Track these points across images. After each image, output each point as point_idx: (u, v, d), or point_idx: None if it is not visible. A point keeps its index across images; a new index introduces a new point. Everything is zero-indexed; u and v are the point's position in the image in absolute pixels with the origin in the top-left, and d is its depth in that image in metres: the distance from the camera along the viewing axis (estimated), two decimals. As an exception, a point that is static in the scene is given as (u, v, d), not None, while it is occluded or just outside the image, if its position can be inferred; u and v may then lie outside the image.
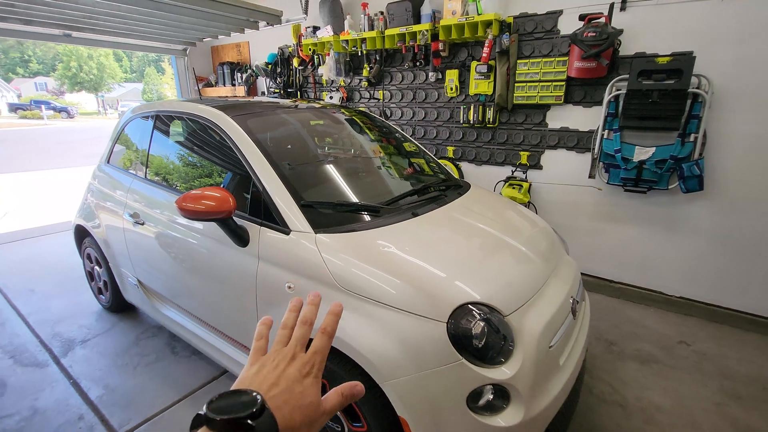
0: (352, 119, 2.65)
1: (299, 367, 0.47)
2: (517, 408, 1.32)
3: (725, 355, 2.49)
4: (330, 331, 0.51)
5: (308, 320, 0.52)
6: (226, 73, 5.54)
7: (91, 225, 2.72)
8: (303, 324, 0.52)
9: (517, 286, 1.54)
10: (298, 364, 0.47)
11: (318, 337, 0.51)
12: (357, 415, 1.48)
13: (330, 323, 0.52)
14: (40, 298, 3.17)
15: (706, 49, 2.53)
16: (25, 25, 3.98)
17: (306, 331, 0.51)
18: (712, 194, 2.70)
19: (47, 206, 6.08)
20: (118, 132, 2.74)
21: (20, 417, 1.98)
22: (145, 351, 2.52)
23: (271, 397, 0.42)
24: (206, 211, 1.60)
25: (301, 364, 0.48)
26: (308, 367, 0.48)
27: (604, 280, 3.28)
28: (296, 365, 0.47)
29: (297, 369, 0.47)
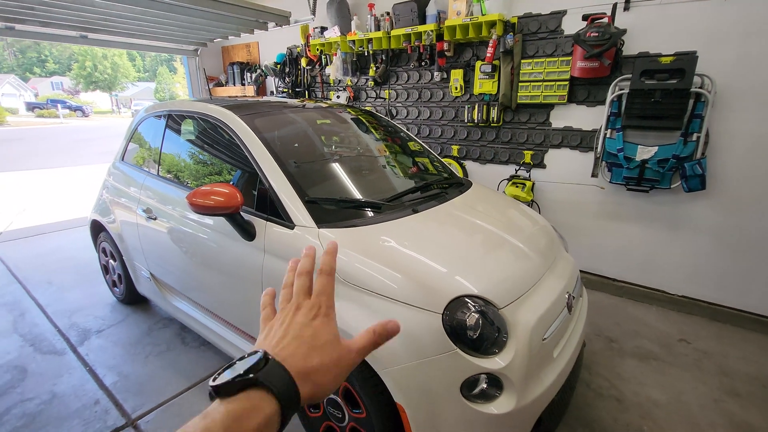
0: (357, 118, 2.71)
1: (305, 312, 0.47)
2: (510, 396, 1.37)
3: (726, 354, 2.50)
4: (328, 269, 0.50)
5: (305, 270, 0.51)
6: (236, 73, 5.65)
7: (107, 220, 2.83)
8: (300, 275, 0.51)
9: (512, 281, 1.59)
10: (303, 311, 0.47)
11: (319, 278, 0.50)
12: (357, 402, 1.54)
13: (327, 262, 0.51)
14: (57, 290, 3.30)
15: (710, 48, 2.54)
16: (43, 27, 4.12)
17: (305, 281, 0.50)
18: (715, 193, 2.71)
19: (63, 203, 6.28)
20: (132, 131, 2.85)
21: (40, 401, 2.09)
22: (156, 341, 2.62)
23: (279, 350, 0.42)
24: (215, 207, 1.68)
25: (307, 309, 0.47)
26: (315, 309, 0.47)
27: (607, 278, 3.30)
28: (302, 312, 0.47)
29: (303, 315, 0.46)
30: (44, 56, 47.73)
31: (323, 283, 0.49)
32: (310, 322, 0.45)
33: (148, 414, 2.01)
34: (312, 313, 0.46)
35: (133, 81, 46.21)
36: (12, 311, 2.97)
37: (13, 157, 11.59)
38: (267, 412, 0.36)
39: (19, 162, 10.64)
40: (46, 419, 1.96)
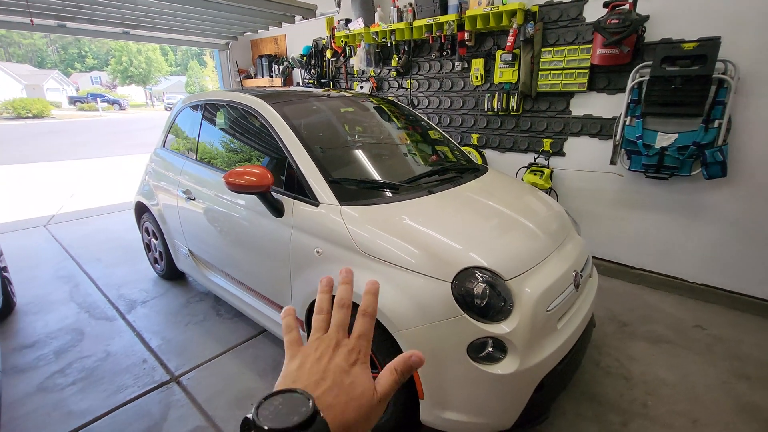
0: (379, 107, 2.85)
1: (345, 355, 0.43)
2: (513, 359, 1.50)
3: (741, 340, 2.51)
4: (371, 311, 0.47)
5: (345, 302, 0.48)
6: (264, 65, 5.88)
7: (150, 202, 3.10)
8: (341, 307, 0.48)
9: (519, 256, 1.70)
10: (343, 353, 0.43)
11: (360, 320, 0.47)
12: (373, 362, 1.71)
13: (370, 304, 0.48)
14: (105, 265, 3.63)
15: (734, 34, 2.51)
16: (90, 24, 4.45)
17: (345, 315, 0.47)
18: (736, 181, 2.69)
19: (107, 189, 6.75)
20: (171, 120, 3.09)
21: (96, 358, 2.37)
22: (194, 312, 2.88)
23: (319, 395, 0.38)
24: (248, 185, 1.86)
25: (347, 351, 0.43)
26: (354, 354, 0.44)
27: (624, 265, 3.32)
28: (341, 354, 0.43)
29: (343, 358, 0.43)
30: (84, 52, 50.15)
31: (365, 326, 0.46)
32: (349, 369, 0.42)
33: (189, 372, 2.25)
34: (352, 358, 0.43)
35: (165, 75, 47.93)
36: (68, 283, 3.31)
37: (60, 147, 12.40)
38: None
39: (66, 152, 11.39)
40: (102, 373, 2.24)
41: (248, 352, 2.43)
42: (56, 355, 2.40)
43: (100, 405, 1.99)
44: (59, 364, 2.31)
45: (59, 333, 2.62)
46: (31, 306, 2.93)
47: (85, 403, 2.00)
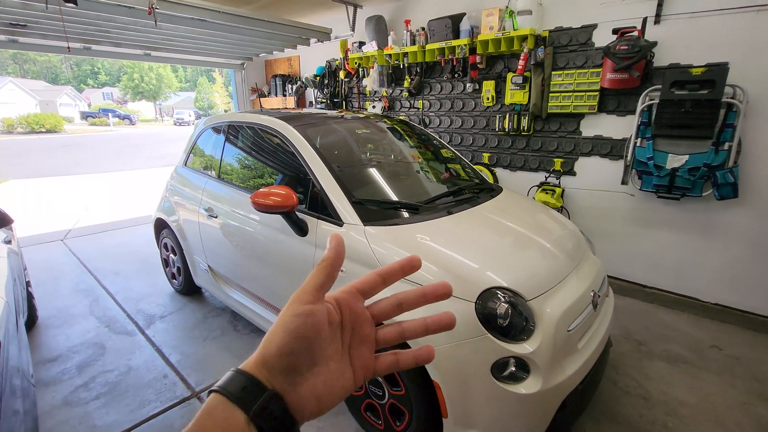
0: (393, 128, 2.94)
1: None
2: (536, 379, 1.52)
3: (760, 361, 2.51)
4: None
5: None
6: (278, 84, 6.05)
7: (170, 219, 3.18)
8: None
9: (540, 276, 1.74)
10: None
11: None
12: (396, 380, 1.74)
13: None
14: (123, 279, 3.70)
15: (742, 59, 2.59)
16: (114, 47, 4.64)
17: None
18: (749, 201, 2.73)
19: (121, 203, 6.87)
20: (194, 140, 3.20)
21: (119, 372, 2.41)
22: (211, 327, 2.92)
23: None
24: (274, 205, 1.93)
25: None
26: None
27: (638, 284, 3.33)
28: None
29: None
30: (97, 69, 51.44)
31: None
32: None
33: (209, 387, 2.27)
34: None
35: (175, 91, 49.01)
36: (87, 297, 3.37)
37: (73, 162, 12.66)
38: None
39: (79, 166, 11.62)
40: (126, 388, 2.27)
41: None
42: (79, 369, 2.44)
43: (125, 419, 2.03)
44: (83, 378, 2.35)
45: (81, 347, 2.66)
46: (53, 320, 2.99)
47: (110, 417, 2.04)
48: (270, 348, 0.37)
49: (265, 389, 0.35)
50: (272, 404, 0.35)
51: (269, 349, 0.37)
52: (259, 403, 0.34)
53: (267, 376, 0.36)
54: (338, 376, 0.39)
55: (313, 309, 0.39)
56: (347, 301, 0.42)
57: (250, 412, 0.34)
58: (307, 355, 0.38)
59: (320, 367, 0.39)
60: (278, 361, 0.37)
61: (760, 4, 2.48)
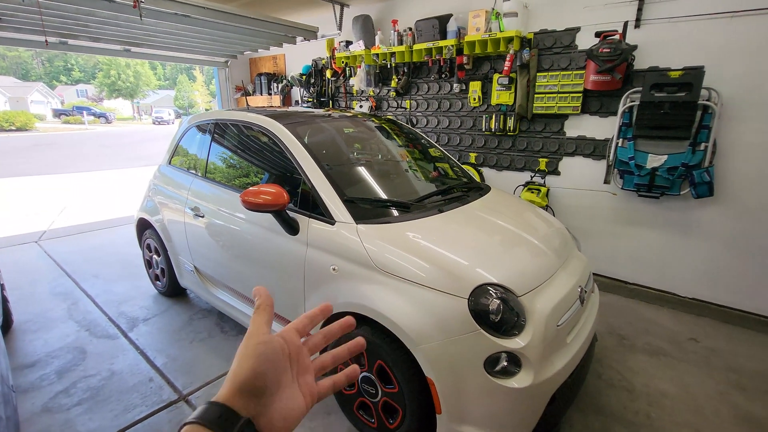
0: (381, 127, 2.94)
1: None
2: (528, 373, 1.55)
3: (735, 352, 2.62)
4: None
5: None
6: (263, 83, 5.97)
7: (153, 218, 3.10)
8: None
9: (529, 273, 1.78)
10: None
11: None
12: (389, 378, 1.74)
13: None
14: (104, 282, 3.58)
15: (717, 63, 2.70)
16: (93, 42, 4.49)
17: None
18: (724, 200, 2.85)
19: (99, 204, 6.65)
20: (178, 138, 3.13)
21: (101, 377, 2.34)
22: (197, 329, 2.86)
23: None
24: (264, 204, 1.91)
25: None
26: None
27: (620, 281, 3.43)
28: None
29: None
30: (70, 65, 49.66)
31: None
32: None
33: (198, 391, 2.23)
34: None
35: (153, 89, 47.78)
36: (66, 300, 3.25)
37: (46, 161, 12.19)
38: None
39: (52, 166, 11.20)
40: (109, 393, 2.21)
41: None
42: (59, 374, 2.35)
43: (109, 425, 1.97)
44: (63, 384, 2.27)
45: (60, 352, 2.57)
46: (29, 324, 2.88)
47: (94, 424, 1.97)
48: (242, 373, 0.42)
49: (240, 417, 0.40)
50: (247, 429, 0.39)
51: (241, 375, 0.42)
52: (236, 429, 0.39)
53: (241, 405, 0.40)
54: (295, 401, 0.45)
55: (271, 338, 0.46)
56: (289, 338, 0.49)
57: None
58: (273, 376, 0.44)
59: (282, 392, 0.44)
60: (252, 383, 0.42)
61: (734, 11, 2.59)
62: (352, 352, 0.53)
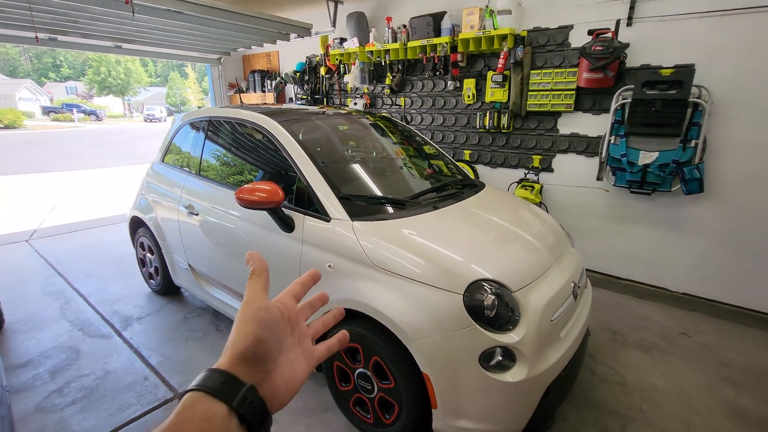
0: (376, 124, 2.94)
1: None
2: (522, 367, 1.57)
3: (725, 347, 2.66)
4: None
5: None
6: (257, 80, 5.94)
7: (146, 216, 3.08)
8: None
9: (524, 269, 1.79)
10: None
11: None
12: (385, 374, 1.75)
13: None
14: (97, 281, 3.55)
15: (707, 61, 2.73)
16: (83, 39, 4.43)
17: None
18: (714, 196, 2.89)
19: (89, 203, 6.58)
20: (171, 135, 3.10)
21: (95, 376, 2.32)
22: (192, 328, 2.85)
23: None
24: (259, 201, 1.90)
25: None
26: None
27: (612, 277, 3.47)
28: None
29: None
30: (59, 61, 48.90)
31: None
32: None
33: (193, 389, 2.22)
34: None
35: (145, 86, 47.23)
36: (58, 300, 3.22)
37: (36, 159, 12.01)
38: None
39: (42, 165, 11.04)
40: (104, 392, 2.19)
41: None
42: (52, 374, 2.33)
43: (105, 424, 1.96)
44: (56, 384, 2.25)
45: (53, 352, 2.55)
46: (20, 324, 2.84)
47: (89, 423, 1.96)
48: (243, 341, 0.41)
49: (243, 383, 0.39)
50: (251, 395, 0.39)
51: (243, 343, 0.41)
52: (240, 395, 0.38)
53: (243, 372, 0.40)
54: (297, 364, 0.46)
55: (269, 303, 0.46)
56: (288, 303, 0.50)
57: (232, 403, 0.37)
58: (274, 341, 0.43)
59: (284, 356, 0.45)
60: (253, 350, 0.41)
61: (724, 9, 2.63)
62: (337, 318, 0.57)
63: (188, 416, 0.36)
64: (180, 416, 0.35)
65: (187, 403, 0.36)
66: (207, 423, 0.35)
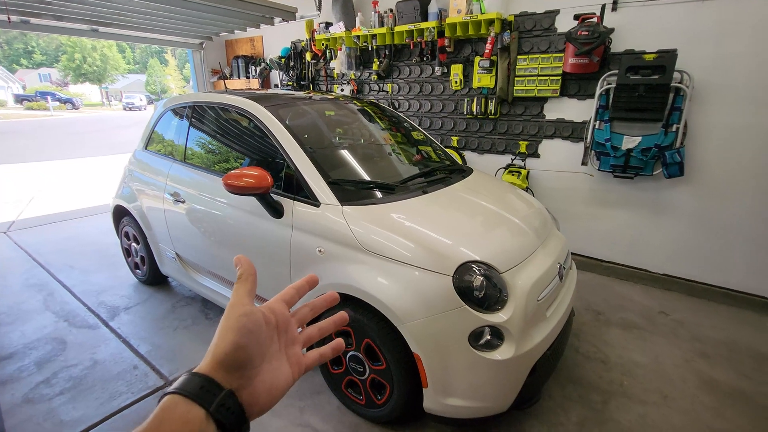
0: (363, 109, 2.92)
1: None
2: (510, 346, 1.62)
3: (699, 323, 2.78)
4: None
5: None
6: (241, 66, 5.80)
7: (131, 205, 3.02)
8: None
9: (511, 251, 1.83)
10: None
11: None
12: (377, 356, 1.78)
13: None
14: (80, 273, 3.48)
15: (688, 46, 2.78)
16: (57, 21, 4.24)
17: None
18: (693, 179, 2.98)
19: (71, 193, 6.40)
20: (154, 122, 3.03)
21: (83, 366, 2.30)
22: (182, 317, 2.83)
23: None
24: (247, 187, 1.89)
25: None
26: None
27: (596, 259, 3.57)
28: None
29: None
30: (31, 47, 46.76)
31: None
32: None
33: (184, 376, 2.22)
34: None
35: (123, 73, 45.61)
36: (41, 291, 3.15)
37: (10, 149, 11.57)
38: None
39: (18, 155, 10.65)
40: (92, 381, 2.17)
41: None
42: (38, 365, 2.30)
43: (95, 413, 1.95)
44: (43, 375, 2.22)
45: (38, 343, 2.51)
46: (3, 317, 2.78)
47: (78, 412, 1.95)
48: (223, 347, 0.41)
49: (221, 388, 0.39)
50: (229, 401, 0.39)
51: (222, 348, 0.41)
52: (217, 400, 0.38)
53: (222, 377, 0.40)
54: (281, 372, 0.46)
55: (252, 309, 0.45)
56: (277, 308, 0.49)
57: (210, 407, 0.37)
58: (256, 348, 0.43)
59: (267, 364, 0.44)
60: (233, 356, 0.41)
61: (705, -5, 2.67)
62: (338, 325, 0.54)
63: (166, 418, 0.36)
64: (158, 418, 0.36)
65: (166, 406, 0.37)
66: (185, 426, 0.36)
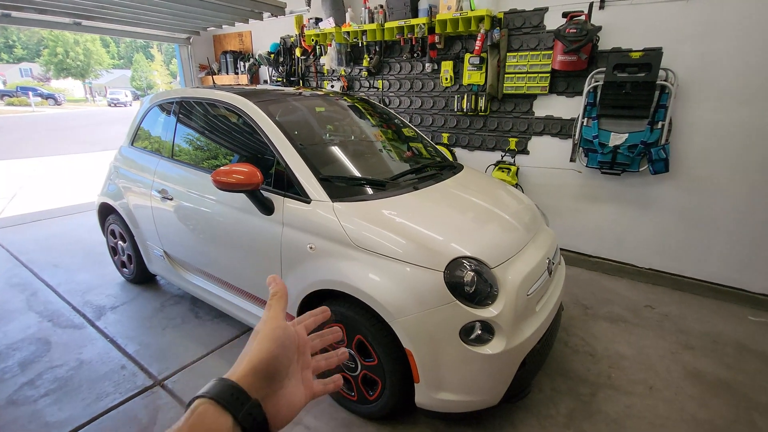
0: (354, 106, 2.91)
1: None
2: (500, 340, 1.63)
3: (684, 316, 2.85)
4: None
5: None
6: (229, 61, 5.72)
7: (117, 203, 2.96)
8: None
9: (501, 246, 1.84)
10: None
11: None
12: (368, 351, 1.78)
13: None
14: (65, 271, 3.41)
15: (673, 45, 2.83)
16: (38, 14, 4.13)
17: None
18: (678, 175, 3.03)
19: (53, 191, 6.25)
20: (140, 117, 2.97)
21: (69, 367, 2.25)
22: (170, 316, 2.79)
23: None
24: (237, 183, 1.86)
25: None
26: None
27: (584, 255, 3.62)
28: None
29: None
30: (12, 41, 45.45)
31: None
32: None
33: (173, 375, 2.20)
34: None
35: (107, 68, 44.67)
36: (23, 291, 3.08)
37: (-11, 146, 11.25)
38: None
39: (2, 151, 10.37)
40: (79, 382, 2.13)
41: (234, 351, 2.41)
42: (22, 366, 2.25)
43: (81, 414, 1.91)
44: (27, 376, 2.17)
45: (22, 344, 2.45)
46: (-16, 317, 2.71)
47: (64, 413, 1.91)
48: (260, 355, 0.43)
49: (249, 398, 0.41)
50: (255, 410, 0.41)
51: (259, 356, 0.43)
52: (245, 409, 0.40)
53: (251, 386, 0.42)
54: (299, 390, 0.48)
55: (287, 325, 0.48)
56: (299, 331, 0.52)
57: (238, 416, 0.39)
58: (286, 362, 0.46)
59: (288, 380, 0.46)
60: (267, 365, 0.43)
61: (690, -6, 2.71)
62: (341, 360, 0.58)
63: (197, 422, 0.38)
64: (189, 421, 0.37)
65: (198, 412, 0.38)
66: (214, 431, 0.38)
